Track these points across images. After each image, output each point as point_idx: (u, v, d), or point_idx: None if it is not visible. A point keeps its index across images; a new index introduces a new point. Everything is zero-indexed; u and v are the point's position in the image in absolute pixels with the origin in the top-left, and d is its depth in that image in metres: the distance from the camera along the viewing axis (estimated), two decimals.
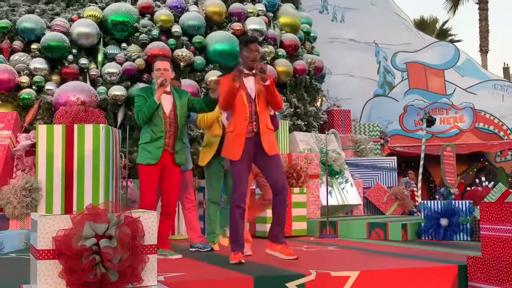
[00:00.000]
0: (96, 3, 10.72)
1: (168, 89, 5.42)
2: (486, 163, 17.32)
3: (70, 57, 9.93)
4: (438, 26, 31.90)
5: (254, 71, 4.95)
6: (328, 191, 8.86)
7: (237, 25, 11.15)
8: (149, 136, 5.35)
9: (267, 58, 11.44)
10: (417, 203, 10.80)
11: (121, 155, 8.14)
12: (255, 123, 4.93)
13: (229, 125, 5.07)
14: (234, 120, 4.98)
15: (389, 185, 12.07)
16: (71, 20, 10.33)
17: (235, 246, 5.02)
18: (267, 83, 4.89)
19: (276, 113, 9.96)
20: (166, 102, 5.40)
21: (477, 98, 17.69)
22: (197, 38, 10.58)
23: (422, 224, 7.45)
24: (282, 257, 4.94)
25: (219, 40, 10.65)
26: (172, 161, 5.43)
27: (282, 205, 5.01)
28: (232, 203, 4.97)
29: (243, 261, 4.91)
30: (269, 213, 7.59)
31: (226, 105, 5.00)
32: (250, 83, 4.97)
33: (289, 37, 12.08)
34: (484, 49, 26.78)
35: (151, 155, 5.32)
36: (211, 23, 11.06)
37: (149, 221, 3.62)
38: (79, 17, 10.37)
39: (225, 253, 5.68)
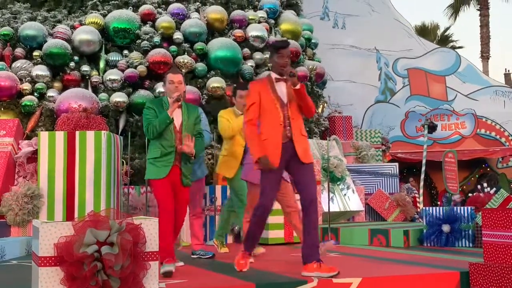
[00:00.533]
0: (98, 10, 10.76)
1: (180, 102, 5.18)
2: (488, 169, 17.30)
3: (72, 64, 9.96)
4: (439, 32, 31.95)
5: (285, 77, 4.80)
6: (330, 197, 8.85)
7: (238, 32, 11.18)
8: (158, 151, 5.09)
9: (269, 64, 11.45)
10: (419, 210, 10.78)
11: (123, 162, 8.15)
12: (288, 127, 4.74)
13: (262, 134, 4.76)
14: (266, 127, 4.76)
15: (391, 192, 12.05)
16: (73, 27, 10.36)
17: (249, 246, 5.00)
18: (298, 87, 4.73)
19: None
20: (177, 116, 5.17)
21: (479, 104, 17.69)
22: (198, 45, 10.61)
23: (424, 231, 7.43)
24: (323, 275, 4.44)
25: (221, 47, 10.67)
26: (181, 180, 5.16)
27: (312, 220, 4.69)
28: (264, 207, 4.75)
29: (246, 269, 4.89)
30: (271, 219, 7.61)
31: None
32: (282, 88, 4.83)
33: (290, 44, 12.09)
34: (485, 55, 26.79)
35: (160, 170, 5.06)
36: (213, 30, 11.08)
37: (150, 227, 3.62)
38: (81, 24, 10.41)
39: (226, 260, 5.68)
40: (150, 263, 3.55)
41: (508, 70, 36.18)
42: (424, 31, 30.07)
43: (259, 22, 11.64)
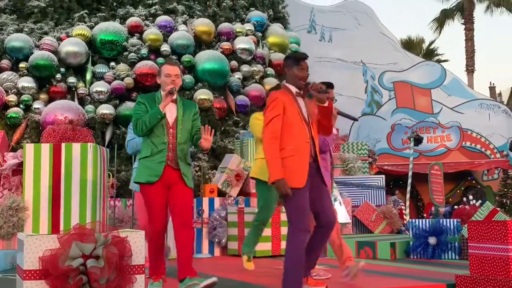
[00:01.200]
0: (85, 22, 10.75)
1: (174, 96, 4.64)
2: (473, 181, 17.42)
3: (58, 75, 9.92)
4: (424, 46, 32.26)
5: (305, 91, 4.46)
6: None
7: (226, 44, 11.22)
8: (149, 150, 4.53)
9: (256, 77, 11.48)
10: (405, 222, 10.81)
11: (109, 174, 8.10)
12: (313, 145, 4.39)
13: (286, 150, 4.26)
14: (292, 142, 4.27)
15: (378, 204, 12.08)
16: (60, 39, 10.33)
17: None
18: (326, 104, 4.39)
19: None
20: (171, 111, 4.63)
21: (464, 117, 17.85)
22: (186, 57, 10.62)
23: (411, 243, 7.45)
24: None
25: (208, 59, 10.69)
26: (181, 179, 4.54)
27: (325, 240, 4.47)
28: (301, 229, 4.18)
29: None
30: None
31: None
32: (301, 102, 4.45)
33: (277, 57, 12.15)
34: (470, 68, 27.08)
35: (151, 172, 4.46)
36: (200, 42, 11.11)
37: (137, 240, 3.59)
38: (68, 36, 10.39)
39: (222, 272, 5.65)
40: (136, 277, 3.52)
41: (493, 84, 36.62)
42: (410, 45, 30.35)
43: (247, 35, 11.69)
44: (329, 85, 4.86)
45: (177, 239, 4.42)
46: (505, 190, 15.69)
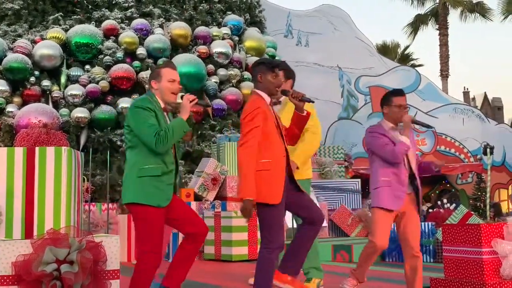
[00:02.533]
0: (60, 25, 10.65)
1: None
2: (448, 185, 17.63)
3: (32, 79, 9.81)
4: (399, 51, 32.62)
5: (281, 99, 4.24)
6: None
7: (202, 48, 11.20)
8: (159, 169, 3.84)
9: (233, 81, 11.49)
10: None
11: (84, 179, 8.01)
12: (287, 159, 4.13)
13: (262, 163, 3.96)
14: (268, 156, 4.00)
15: (354, 207, 12.16)
16: (34, 42, 10.22)
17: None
18: (305, 113, 4.18)
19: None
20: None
21: (438, 122, 18.06)
22: (162, 61, 10.58)
23: None
24: None
25: (185, 63, 10.66)
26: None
27: (315, 236, 4.34)
28: (276, 247, 4.08)
29: None
30: (235, 236, 7.58)
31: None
32: (275, 112, 4.20)
33: (254, 61, 12.17)
34: (444, 73, 27.43)
35: (164, 195, 3.86)
36: (177, 46, 11.08)
37: (111, 245, 3.56)
38: (42, 39, 10.28)
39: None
40: (110, 282, 3.49)
41: (467, 88, 37.18)
42: (385, 50, 30.67)
43: (223, 39, 11.69)
44: (397, 92, 4.57)
45: (185, 248, 4.07)
46: (479, 193, 15.90)
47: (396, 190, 4.49)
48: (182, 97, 3.99)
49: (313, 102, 4.33)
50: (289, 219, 9.13)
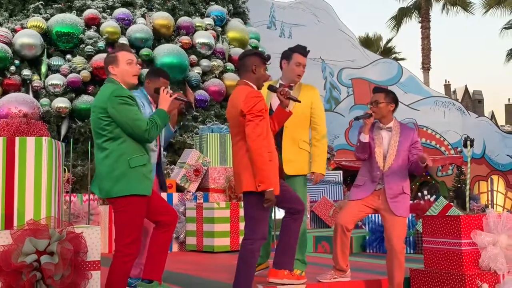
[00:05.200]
0: (41, 14, 10.51)
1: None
2: (428, 177, 17.79)
3: (13, 68, 9.68)
4: (382, 43, 32.76)
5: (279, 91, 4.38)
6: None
7: (185, 39, 11.14)
8: (144, 157, 3.82)
9: (216, 72, 11.45)
10: None
11: (65, 169, 7.95)
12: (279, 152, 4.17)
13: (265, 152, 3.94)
14: (269, 147, 4.02)
15: (335, 199, 12.22)
16: (14, 31, 10.08)
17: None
18: (288, 111, 4.34)
19: (224, 126, 9.98)
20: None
21: (419, 114, 18.21)
22: (144, 51, 10.51)
23: (367, 237, 7.56)
24: (293, 283, 4.33)
25: (167, 53, 10.60)
26: (160, 185, 4.65)
27: (299, 228, 4.40)
28: (258, 238, 4.00)
29: None
30: (217, 227, 7.59)
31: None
32: (275, 103, 4.28)
33: (237, 52, 12.13)
34: (426, 66, 27.60)
35: (150, 183, 3.84)
36: (159, 36, 11.00)
37: (92, 236, 3.54)
38: (23, 28, 10.14)
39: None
40: (91, 273, 3.47)
41: (448, 81, 37.47)
42: (368, 42, 30.76)
43: (206, 29, 11.64)
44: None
45: (160, 237, 4.05)
46: (459, 185, 16.08)
47: (359, 182, 4.95)
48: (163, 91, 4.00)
49: (299, 101, 4.44)
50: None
